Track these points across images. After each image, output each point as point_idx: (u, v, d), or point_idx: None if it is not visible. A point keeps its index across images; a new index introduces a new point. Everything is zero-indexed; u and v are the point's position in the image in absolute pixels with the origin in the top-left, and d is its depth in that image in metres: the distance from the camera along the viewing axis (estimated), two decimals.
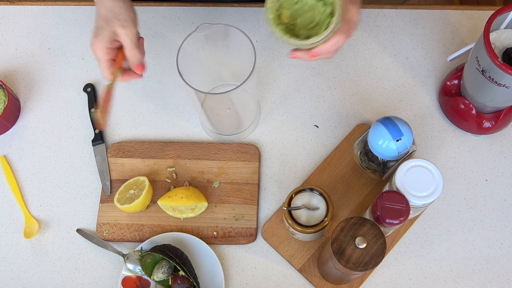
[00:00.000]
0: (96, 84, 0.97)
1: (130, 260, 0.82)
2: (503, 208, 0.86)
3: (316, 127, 0.92)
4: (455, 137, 0.90)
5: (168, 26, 1.01)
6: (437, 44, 0.97)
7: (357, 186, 0.87)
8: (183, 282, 0.79)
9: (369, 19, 1.00)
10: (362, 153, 0.82)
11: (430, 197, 0.70)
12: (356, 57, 0.97)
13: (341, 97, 0.94)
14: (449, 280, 0.82)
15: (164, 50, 1.00)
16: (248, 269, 0.84)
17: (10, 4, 1.05)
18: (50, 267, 0.86)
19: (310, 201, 0.76)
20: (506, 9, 0.76)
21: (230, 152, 0.90)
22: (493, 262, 0.83)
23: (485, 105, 0.84)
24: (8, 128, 0.95)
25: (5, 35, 1.03)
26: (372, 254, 0.64)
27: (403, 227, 0.84)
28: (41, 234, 0.88)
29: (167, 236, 0.84)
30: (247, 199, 0.87)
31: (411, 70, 0.95)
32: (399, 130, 0.73)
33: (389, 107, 0.93)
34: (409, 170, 0.71)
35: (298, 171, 0.89)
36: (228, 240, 0.85)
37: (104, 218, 0.87)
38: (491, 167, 0.88)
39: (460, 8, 1.00)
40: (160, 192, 0.88)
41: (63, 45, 1.01)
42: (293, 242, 0.84)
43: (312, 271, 0.82)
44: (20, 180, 0.91)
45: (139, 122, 0.95)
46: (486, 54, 0.74)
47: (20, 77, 0.99)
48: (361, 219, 0.65)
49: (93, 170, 0.91)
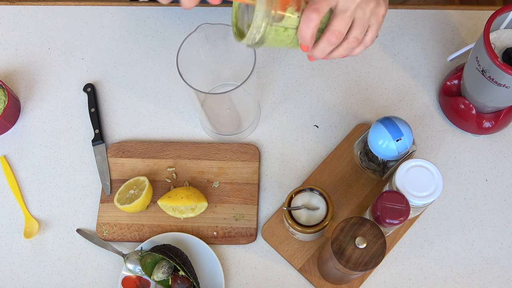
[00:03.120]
0: (96, 84, 0.97)
1: (130, 260, 0.82)
2: (503, 208, 0.86)
3: (316, 127, 0.92)
4: (455, 137, 0.90)
5: (168, 26, 1.01)
6: (437, 44, 0.97)
7: (357, 186, 0.87)
8: (183, 282, 0.79)
9: None
10: (362, 153, 0.82)
11: (430, 197, 0.70)
12: (356, 57, 0.97)
13: (341, 97, 0.94)
14: (449, 280, 0.82)
15: (164, 50, 1.00)
16: (248, 269, 0.84)
17: (10, 4, 1.05)
18: (50, 267, 0.86)
19: (310, 201, 0.76)
20: (506, 9, 0.76)
21: (230, 152, 0.90)
22: (493, 262, 0.83)
23: (485, 105, 0.84)
24: (8, 128, 0.95)
25: (5, 35, 1.03)
26: (372, 254, 0.64)
27: (403, 227, 0.84)
28: (41, 234, 0.88)
29: (167, 236, 0.84)
30: (247, 199, 0.87)
31: (411, 70, 0.96)
32: (399, 130, 0.73)
33: (389, 107, 0.93)
34: (409, 170, 0.71)
35: (298, 171, 0.90)
36: (228, 240, 0.85)
37: (104, 218, 0.87)
38: (491, 167, 0.88)
39: (460, 8, 1.00)
40: (160, 192, 0.88)
41: (63, 45, 1.01)
42: (293, 242, 0.84)
43: (312, 271, 0.82)
44: (20, 180, 0.91)
45: (139, 122, 0.95)
46: (486, 54, 0.74)
47: (20, 77, 0.99)
48: (361, 219, 0.65)
49: (93, 170, 0.91)
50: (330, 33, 0.60)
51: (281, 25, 0.62)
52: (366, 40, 0.63)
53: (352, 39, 0.61)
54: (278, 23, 0.61)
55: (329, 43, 0.61)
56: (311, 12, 0.58)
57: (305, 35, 0.60)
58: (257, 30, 0.61)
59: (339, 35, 0.60)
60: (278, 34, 0.62)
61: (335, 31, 0.59)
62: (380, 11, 0.61)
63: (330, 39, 0.60)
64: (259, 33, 0.62)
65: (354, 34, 0.60)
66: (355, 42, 0.61)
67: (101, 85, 0.98)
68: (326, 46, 0.61)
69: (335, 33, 0.59)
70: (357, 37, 0.61)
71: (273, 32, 0.62)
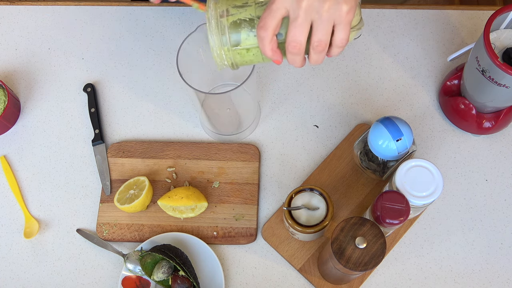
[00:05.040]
0: (96, 84, 0.97)
1: (130, 260, 0.82)
2: (503, 208, 0.86)
3: (316, 127, 0.92)
4: (455, 137, 0.90)
5: (168, 26, 1.01)
6: (437, 44, 0.97)
7: (357, 186, 0.87)
8: (183, 282, 0.79)
9: (369, 19, 1.00)
10: (362, 153, 0.82)
11: (430, 197, 0.70)
12: (356, 57, 0.97)
13: (341, 97, 0.94)
14: (449, 280, 0.82)
15: (164, 50, 1.00)
16: (248, 269, 0.84)
17: (10, 4, 1.05)
18: (50, 267, 0.86)
19: (310, 201, 0.76)
20: (506, 9, 0.76)
21: (230, 152, 0.90)
22: (493, 262, 0.83)
23: (485, 105, 0.84)
24: (8, 128, 0.95)
25: (5, 35, 1.03)
26: (372, 254, 0.64)
27: (403, 227, 0.84)
28: (41, 234, 0.88)
29: (167, 236, 0.84)
30: (247, 199, 0.87)
31: (411, 70, 0.96)
32: (399, 130, 0.73)
33: (389, 107, 0.93)
34: (409, 170, 0.71)
35: (298, 171, 0.90)
36: (228, 240, 0.85)
37: (104, 218, 0.87)
38: (491, 167, 0.88)
39: (460, 8, 1.00)
40: (160, 192, 0.88)
41: (63, 45, 1.01)
42: (293, 242, 0.84)
43: (312, 271, 0.82)
44: (20, 180, 0.91)
45: (139, 122, 0.95)
46: (486, 54, 0.74)
47: (20, 77, 0.99)
48: (361, 219, 0.65)
49: (93, 170, 0.91)
50: (288, 44, 0.60)
51: (241, 47, 0.62)
52: (335, 41, 0.61)
53: (317, 43, 0.60)
54: (238, 47, 0.62)
55: (292, 54, 0.60)
56: (258, 30, 0.59)
57: (264, 52, 0.61)
58: (219, 58, 0.62)
59: (296, 44, 0.59)
60: (243, 56, 0.63)
61: (291, 41, 0.59)
62: (340, 8, 0.58)
63: (289, 49, 0.60)
64: (223, 59, 0.62)
65: (316, 38, 0.59)
66: (320, 45, 0.60)
67: (101, 85, 0.98)
68: (292, 57, 0.61)
69: (292, 43, 0.59)
70: (321, 39, 0.59)
71: (237, 55, 0.63)
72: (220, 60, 0.63)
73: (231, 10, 0.61)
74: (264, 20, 0.59)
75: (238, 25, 0.61)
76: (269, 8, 0.58)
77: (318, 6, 0.57)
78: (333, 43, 0.61)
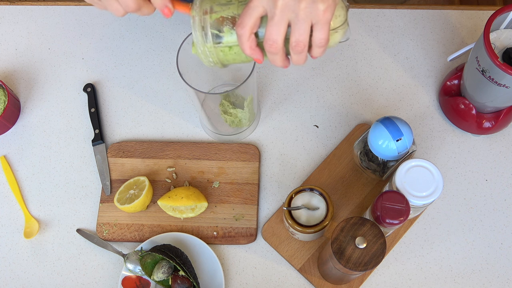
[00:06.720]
0: (96, 84, 0.97)
1: (130, 260, 0.82)
2: (503, 208, 0.86)
3: (316, 127, 0.92)
4: (455, 137, 0.90)
5: (168, 26, 1.01)
6: (437, 44, 0.97)
7: (357, 186, 0.87)
8: (183, 282, 0.79)
9: (369, 19, 1.00)
10: (362, 153, 0.82)
11: (430, 197, 0.70)
12: (356, 57, 0.97)
13: (341, 97, 0.94)
14: (449, 280, 0.82)
15: (164, 50, 1.00)
16: (248, 269, 0.84)
17: (10, 4, 1.05)
18: (50, 267, 0.86)
19: (310, 201, 0.76)
20: (506, 9, 0.76)
21: (230, 152, 0.90)
22: (493, 262, 0.83)
23: (485, 105, 0.84)
24: (8, 128, 0.95)
25: (5, 35, 1.03)
26: (372, 254, 0.64)
27: (403, 227, 0.84)
28: (41, 234, 0.88)
29: (167, 236, 0.84)
30: (247, 199, 0.87)
31: (411, 70, 0.96)
32: (399, 130, 0.73)
33: (389, 107, 0.93)
34: (409, 170, 0.71)
35: (298, 171, 0.90)
36: (228, 240, 0.85)
37: (104, 218, 0.87)
38: (491, 167, 0.88)
39: (460, 8, 1.00)
40: (160, 192, 0.88)
41: (63, 45, 1.01)
42: (293, 242, 0.84)
43: (312, 271, 0.82)
44: (20, 180, 0.91)
45: (139, 122, 0.95)
46: (486, 54, 0.74)
47: (20, 77, 0.99)
48: (361, 219, 0.65)
49: (93, 170, 0.91)
50: (265, 43, 0.59)
51: (224, 45, 0.63)
52: (315, 41, 0.60)
53: (295, 43, 0.59)
54: (220, 45, 0.63)
55: (270, 53, 0.60)
56: (236, 28, 0.60)
57: (243, 50, 0.61)
58: (204, 55, 0.63)
59: (273, 43, 0.59)
60: (226, 54, 0.64)
61: (267, 40, 0.59)
62: (316, 7, 0.57)
63: (267, 48, 0.60)
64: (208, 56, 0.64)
65: (294, 38, 0.59)
66: (299, 45, 0.59)
67: (101, 85, 0.98)
68: (272, 56, 0.61)
69: (268, 42, 0.59)
70: (298, 39, 0.59)
71: (221, 53, 0.64)
72: (205, 57, 0.64)
73: (215, 8, 0.62)
74: (241, 18, 0.59)
75: (220, 22, 0.62)
76: (247, 6, 0.59)
77: (294, 5, 0.57)
78: (313, 43, 0.60)
